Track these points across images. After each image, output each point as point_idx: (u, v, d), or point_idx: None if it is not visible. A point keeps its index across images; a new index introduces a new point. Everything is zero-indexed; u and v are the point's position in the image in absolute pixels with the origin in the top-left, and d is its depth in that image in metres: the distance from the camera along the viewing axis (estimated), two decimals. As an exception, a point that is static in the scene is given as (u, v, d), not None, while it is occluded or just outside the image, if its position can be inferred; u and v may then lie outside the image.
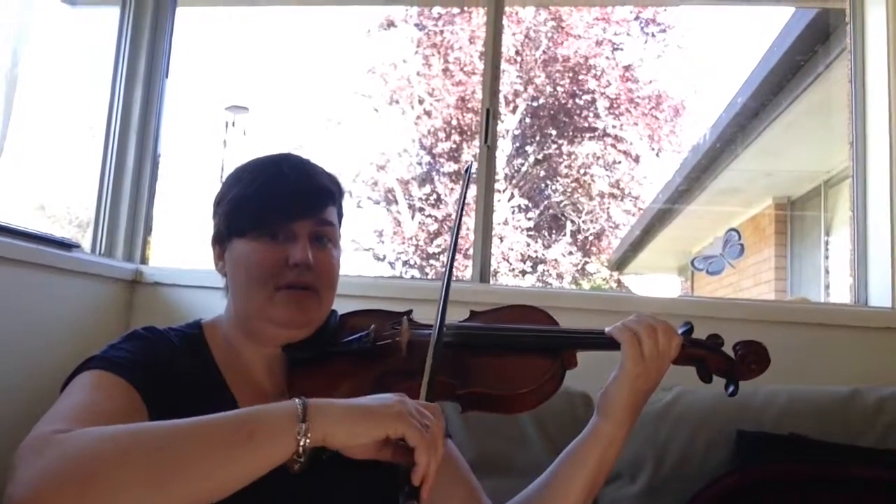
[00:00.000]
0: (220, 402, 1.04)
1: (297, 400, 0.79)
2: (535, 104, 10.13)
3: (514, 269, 9.67)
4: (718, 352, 1.11)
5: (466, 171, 1.15)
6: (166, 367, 1.00)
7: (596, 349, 1.09)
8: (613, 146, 10.07)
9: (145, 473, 0.71)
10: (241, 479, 0.75)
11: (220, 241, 1.12)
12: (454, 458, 1.15)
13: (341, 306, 1.17)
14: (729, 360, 1.11)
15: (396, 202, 10.23)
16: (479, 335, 1.10)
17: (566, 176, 10.30)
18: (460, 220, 1.03)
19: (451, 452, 1.15)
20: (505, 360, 1.08)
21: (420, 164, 10.42)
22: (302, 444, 0.76)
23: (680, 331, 1.10)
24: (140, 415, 0.92)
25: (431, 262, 9.83)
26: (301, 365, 1.07)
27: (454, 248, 1.08)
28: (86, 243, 2.26)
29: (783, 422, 1.60)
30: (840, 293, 4.98)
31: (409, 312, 1.14)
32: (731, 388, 1.09)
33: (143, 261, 2.26)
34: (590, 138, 10.08)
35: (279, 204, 1.06)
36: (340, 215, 1.16)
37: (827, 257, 5.52)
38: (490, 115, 2.21)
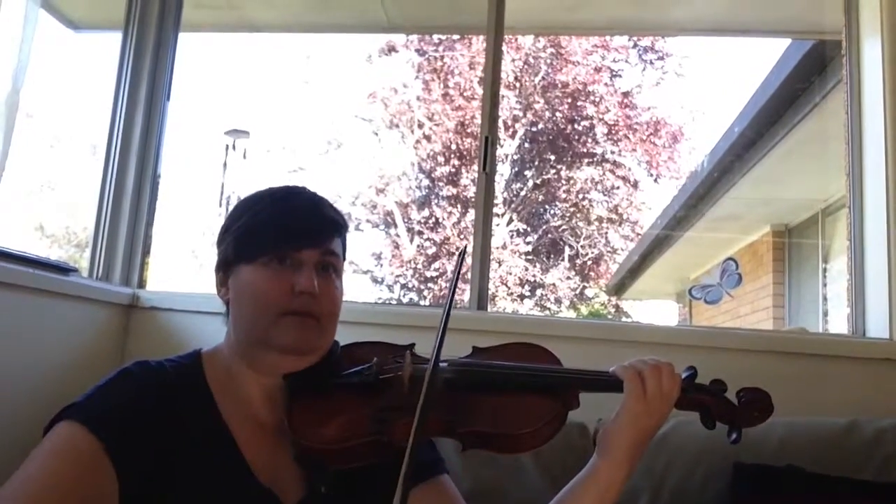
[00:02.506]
0: (216, 438, 1.04)
1: None
2: (534, 129, 10.20)
3: (512, 294, 9.68)
4: (722, 398, 1.10)
5: (460, 254, 1.14)
6: (155, 410, 0.99)
7: (599, 391, 1.08)
8: (612, 172, 10.14)
9: None
10: None
11: (226, 267, 1.12)
12: (450, 495, 1.14)
13: (340, 332, 1.16)
14: (732, 406, 1.10)
15: (395, 225, 10.25)
16: (480, 373, 1.09)
17: (565, 201, 10.35)
18: (452, 297, 0.99)
19: (447, 489, 1.15)
20: (507, 399, 1.06)
21: (419, 187, 10.46)
22: None
23: (684, 375, 1.10)
24: (105, 478, 0.92)
25: (429, 285, 9.84)
26: (301, 395, 1.06)
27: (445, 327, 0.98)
28: (83, 264, 2.25)
29: (781, 454, 1.58)
30: (839, 320, 4.97)
31: (412, 346, 1.13)
32: (733, 436, 1.08)
33: (141, 284, 2.25)
34: (588, 163, 10.15)
35: (290, 232, 1.08)
36: (345, 248, 1.17)
37: (825, 285, 5.53)
38: (489, 143, 2.22)
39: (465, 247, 1.27)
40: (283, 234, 1.08)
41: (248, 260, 1.08)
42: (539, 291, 10.05)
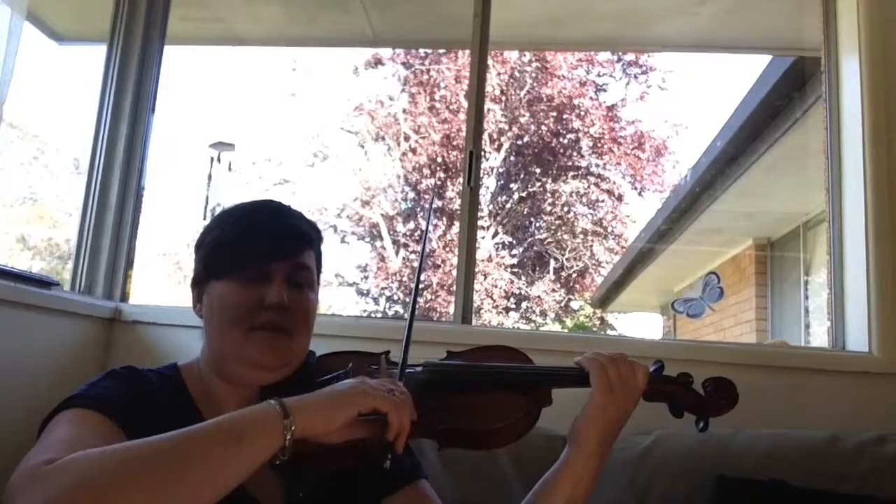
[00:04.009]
0: None
1: (272, 401, 0.84)
2: (519, 143, 10.25)
3: (497, 306, 9.68)
4: (688, 388, 1.14)
5: (430, 202, 1.19)
6: (145, 404, 1.00)
7: (568, 385, 1.12)
8: (597, 185, 10.20)
9: (149, 481, 0.74)
10: (236, 478, 0.79)
11: (199, 283, 1.13)
12: (430, 500, 1.15)
13: (320, 346, 1.17)
14: (698, 396, 1.14)
15: (381, 238, 10.25)
16: (453, 373, 1.13)
17: (550, 213, 10.39)
18: (423, 252, 1.05)
19: (426, 493, 1.16)
20: (480, 397, 1.10)
21: (405, 200, 10.47)
22: (287, 437, 0.82)
23: (651, 368, 1.14)
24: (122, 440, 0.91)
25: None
26: None
27: (417, 286, 1.10)
28: (66, 276, 2.24)
29: (764, 467, 1.59)
30: (820, 332, 5.02)
31: (387, 353, 1.15)
32: (700, 425, 1.12)
33: (123, 298, 2.24)
34: (573, 177, 10.21)
35: (256, 246, 1.08)
36: (319, 261, 1.18)
37: (807, 297, 5.58)
38: (473, 157, 2.23)
39: (432, 198, 1.32)
40: (250, 248, 1.08)
41: (218, 276, 1.09)
42: (524, 304, 10.07)
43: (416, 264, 9.72)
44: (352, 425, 0.87)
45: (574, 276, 10.28)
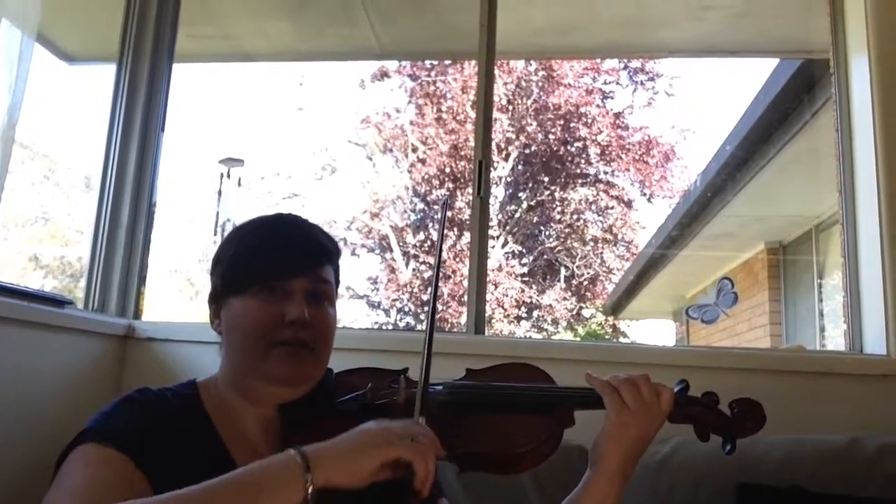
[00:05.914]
0: (217, 462, 1.02)
1: (292, 451, 0.83)
2: (527, 151, 10.25)
3: (508, 315, 9.65)
4: (714, 410, 1.11)
5: (444, 204, 1.17)
6: (161, 430, 0.99)
7: (590, 407, 1.09)
8: (605, 192, 10.18)
9: None
10: None
11: (217, 299, 1.12)
12: None
13: (333, 360, 1.16)
14: (725, 417, 1.11)
15: (391, 250, 10.25)
16: (474, 394, 1.10)
17: (559, 222, 10.37)
18: (440, 255, 1.04)
19: None
20: (502, 419, 1.07)
21: (414, 211, 10.48)
22: (309, 489, 0.80)
23: (675, 389, 1.10)
24: (139, 484, 0.91)
25: (426, 308, 9.80)
26: (297, 425, 1.05)
27: (434, 299, 1.08)
28: (78, 294, 2.24)
29: (783, 473, 1.58)
30: (835, 335, 4.98)
31: (405, 371, 1.13)
32: (728, 447, 1.09)
33: (137, 315, 2.24)
34: (582, 184, 10.20)
35: (276, 261, 1.07)
36: (337, 274, 1.16)
37: (821, 300, 5.54)
38: (483, 167, 2.23)
39: (447, 198, 1.31)
40: (271, 263, 1.07)
41: (238, 292, 1.07)
42: (536, 313, 10.04)
43: (426, 275, 9.73)
44: (375, 472, 0.85)
45: (585, 283, 10.25)
